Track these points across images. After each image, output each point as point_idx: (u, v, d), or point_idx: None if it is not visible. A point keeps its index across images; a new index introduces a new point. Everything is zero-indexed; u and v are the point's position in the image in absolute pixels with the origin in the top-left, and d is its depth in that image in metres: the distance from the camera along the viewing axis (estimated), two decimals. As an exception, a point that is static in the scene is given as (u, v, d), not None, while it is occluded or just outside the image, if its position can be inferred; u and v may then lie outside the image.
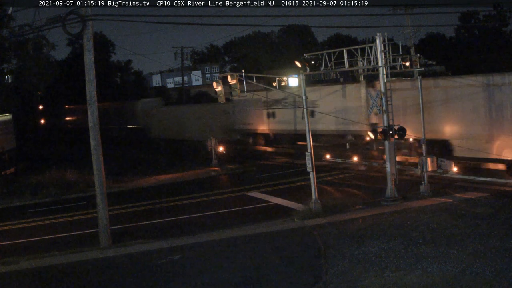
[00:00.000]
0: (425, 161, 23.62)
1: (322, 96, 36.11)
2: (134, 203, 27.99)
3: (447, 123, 28.60)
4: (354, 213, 21.70)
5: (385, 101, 23.17)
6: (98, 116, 20.05)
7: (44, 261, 18.45)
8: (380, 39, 23.07)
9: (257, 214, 23.54)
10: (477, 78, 27.65)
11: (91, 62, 19.82)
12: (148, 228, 22.77)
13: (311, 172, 22.32)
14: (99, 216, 20.12)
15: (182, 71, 73.43)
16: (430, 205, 21.80)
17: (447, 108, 28.66)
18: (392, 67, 24.80)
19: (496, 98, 26.33)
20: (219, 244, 19.15)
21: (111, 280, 16.44)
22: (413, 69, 26.35)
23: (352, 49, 25.55)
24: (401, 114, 28.40)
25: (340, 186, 27.89)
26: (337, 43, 70.63)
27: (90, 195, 27.30)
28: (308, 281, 14.80)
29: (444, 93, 28.96)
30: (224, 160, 37.95)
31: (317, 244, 18.06)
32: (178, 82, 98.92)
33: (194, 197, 28.56)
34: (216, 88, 23.77)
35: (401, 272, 14.62)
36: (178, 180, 34.23)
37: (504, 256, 15.06)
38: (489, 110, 26.60)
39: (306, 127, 22.62)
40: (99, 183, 20.13)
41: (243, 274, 15.69)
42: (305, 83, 23.35)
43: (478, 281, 13.58)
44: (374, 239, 17.63)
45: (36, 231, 23.91)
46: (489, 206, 20.82)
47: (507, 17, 64.86)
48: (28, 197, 30.97)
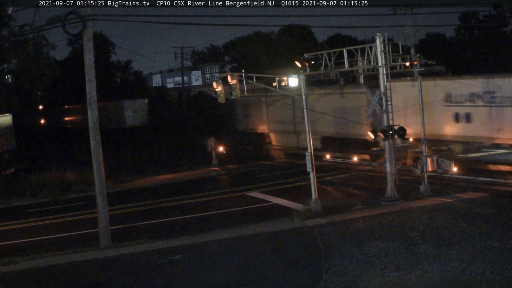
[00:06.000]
0: (425, 161, 23.63)
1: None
2: (134, 203, 28.00)
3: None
4: (354, 213, 21.69)
5: (385, 101, 23.18)
6: (98, 116, 20.05)
7: (44, 261, 18.45)
8: (380, 39, 23.07)
9: (257, 214, 23.54)
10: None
11: (91, 62, 19.82)
12: (148, 228, 22.77)
13: (311, 172, 22.32)
14: (99, 216, 20.11)
15: (182, 71, 73.35)
16: (430, 205, 21.79)
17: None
18: (392, 67, 24.81)
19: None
20: (219, 244, 19.14)
21: (111, 280, 16.43)
22: (413, 69, 26.35)
23: (352, 49, 25.55)
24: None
25: (340, 186, 27.89)
26: (337, 43, 70.56)
27: (90, 195, 27.30)
28: (308, 281, 14.81)
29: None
30: (224, 160, 37.96)
31: (317, 244, 18.05)
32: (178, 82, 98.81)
33: (194, 197, 28.56)
34: (216, 88, 23.80)
35: (401, 272, 14.62)
36: (178, 180, 34.24)
37: (504, 256, 15.06)
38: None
39: (306, 127, 22.63)
40: (99, 183, 20.12)
41: (243, 274, 15.69)
42: (306, 83, 23.37)
43: (478, 281, 13.58)
44: (374, 239, 17.63)
45: (36, 231, 23.92)
46: (489, 206, 20.82)
47: (507, 17, 64.89)
48: (28, 197, 30.97)
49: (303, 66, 24.75)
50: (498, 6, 61.11)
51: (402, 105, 28.93)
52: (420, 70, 26.50)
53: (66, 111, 76.60)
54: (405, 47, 41.73)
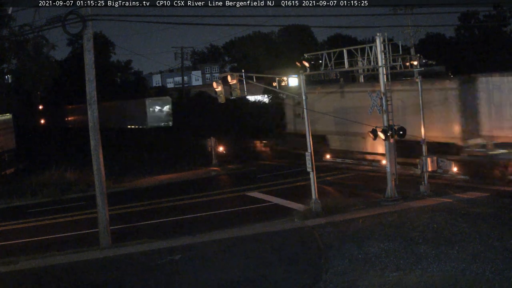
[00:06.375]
0: (425, 161, 23.63)
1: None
2: (134, 203, 28.00)
3: None
4: (354, 213, 21.69)
5: (385, 101, 23.17)
6: (98, 116, 20.05)
7: (44, 261, 18.45)
8: (380, 39, 23.07)
9: (257, 214, 23.54)
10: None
11: (91, 62, 19.82)
12: (148, 228, 22.78)
13: (311, 172, 22.33)
14: (99, 216, 20.11)
15: (182, 71, 73.45)
16: (430, 205, 21.79)
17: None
18: (392, 67, 24.80)
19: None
20: (219, 244, 19.14)
21: (111, 280, 16.43)
22: (413, 69, 26.34)
23: (352, 49, 25.54)
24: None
25: (340, 186, 27.89)
26: (337, 43, 70.51)
27: (90, 195, 27.30)
28: (308, 281, 14.80)
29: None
30: (224, 160, 37.95)
31: (317, 244, 18.06)
32: (178, 82, 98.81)
33: (194, 197, 28.57)
34: (216, 88, 23.81)
35: (401, 272, 14.62)
36: (178, 180, 34.24)
37: (504, 256, 15.06)
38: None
39: (306, 127, 22.63)
40: (99, 183, 20.13)
41: (243, 274, 15.70)
42: (306, 83, 23.38)
43: (478, 281, 13.59)
44: (374, 239, 17.63)
45: (36, 231, 23.91)
46: (489, 206, 20.82)
47: (507, 17, 64.85)
48: (28, 197, 30.98)
49: (303, 66, 24.77)
50: (498, 6, 61.08)
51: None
52: (420, 70, 26.49)
53: (66, 111, 76.55)
54: (405, 47, 41.71)
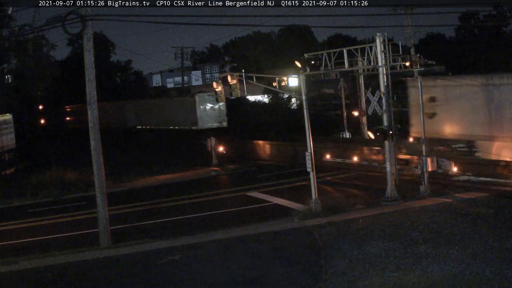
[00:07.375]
0: (425, 161, 23.62)
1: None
2: (134, 203, 27.99)
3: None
4: (354, 213, 21.69)
5: (385, 101, 23.17)
6: (98, 116, 20.05)
7: (44, 261, 18.44)
8: (380, 39, 23.07)
9: (257, 214, 23.54)
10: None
11: (91, 62, 19.83)
12: (148, 228, 22.77)
13: (311, 172, 22.33)
14: (99, 216, 20.12)
15: (182, 71, 73.50)
16: (430, 205, 21.78)
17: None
18: (392, 67, 24.80)
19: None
20: (219, 244, 19.15)
21: (111, 280, 16.42)
22: (413, 69, 26.34)
23: (352, 49, 25.54)
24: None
25: (340, 186, 27.88)
26: (337, 43, 70.51)
27: (90, 195, 27.29)
28: (308, 281, 14.80)
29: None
30: (224, 160, 37.94)
31: (317, 244, 18.05)
32: (178, 82, 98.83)
33: (194, 197, 28.57)
34: (216, 88, 23.86)
35: (401, 272, 14.61)
36: (178, 180, 34.24)
37: (504, 256, 15.05)
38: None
39: (306, 127, 22.63)
40: (99, 183, 20.13)
41: (243, 274, 15.69)
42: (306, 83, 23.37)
43: (478, 281, 13.57)
44: (374, 239, 17.62)
45: (36, 231, 23.91)
46: (489, 206, 20.80)
47: (507, 17, 64.86)
48: (28, 197, 30.98)
49: (303, 66, 24.76)
50: (498, 6, 61.11)
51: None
52: (420, 70, 26.48)
53: (66, 111, 76.54)
54: (405, 47, 41.68)
